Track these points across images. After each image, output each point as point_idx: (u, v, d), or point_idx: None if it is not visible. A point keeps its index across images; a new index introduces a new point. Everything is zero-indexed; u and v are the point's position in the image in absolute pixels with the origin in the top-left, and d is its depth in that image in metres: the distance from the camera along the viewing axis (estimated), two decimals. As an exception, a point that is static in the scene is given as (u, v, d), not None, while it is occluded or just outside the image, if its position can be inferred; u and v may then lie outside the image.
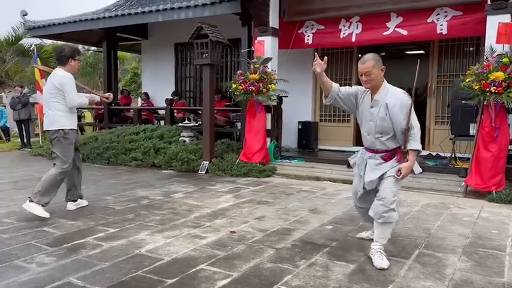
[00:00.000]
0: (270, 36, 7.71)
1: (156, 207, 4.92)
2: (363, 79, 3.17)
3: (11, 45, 14.90)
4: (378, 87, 3.20)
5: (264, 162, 7.50)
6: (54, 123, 4.53)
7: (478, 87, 5.49)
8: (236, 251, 3.42)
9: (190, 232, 3.91)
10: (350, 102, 3.36)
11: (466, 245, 3.66)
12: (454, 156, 6.83)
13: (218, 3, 8.07)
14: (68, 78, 4.51)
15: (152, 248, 3.46)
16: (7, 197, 5.43)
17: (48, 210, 4.36)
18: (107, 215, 4.50)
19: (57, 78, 4.53)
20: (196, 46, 7.48)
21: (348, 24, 7.67)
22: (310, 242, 3.66)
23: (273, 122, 8.09)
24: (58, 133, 4.51)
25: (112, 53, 11.19)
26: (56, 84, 4.49)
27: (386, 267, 3.06)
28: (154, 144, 8.41)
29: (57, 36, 11.60)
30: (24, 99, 11.44)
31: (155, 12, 8.99)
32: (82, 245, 3.53)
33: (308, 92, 9.44)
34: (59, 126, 4.51)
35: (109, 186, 6.24)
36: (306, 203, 5.21)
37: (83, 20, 10.05)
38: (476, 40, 7.63)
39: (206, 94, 7.75)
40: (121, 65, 23.28)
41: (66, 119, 4.55)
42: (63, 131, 4.52)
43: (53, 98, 4.52)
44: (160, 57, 11.59)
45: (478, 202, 5.36)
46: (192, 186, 6.24)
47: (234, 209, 4.84)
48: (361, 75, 3.20)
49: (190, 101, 11.59)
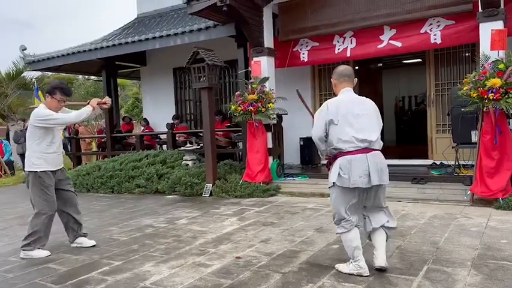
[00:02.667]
0: (265, 56, 7.78)
1: (161, 235, 4.89)
2: None
3: (13, 80, 15.10)
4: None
5: (267, 181, 7.48)
6: (27, 165, 4.35)
7: (476, 94, 5.48)
8: (242, 278, 3.37)
9: (195, 260, 3.87)
10: None
11: (475, 258, 3.59)
12: (458, 164, 6.78)
13: (213, 28, 8.18)
14: (39, 113, 4.25)
15: (157, 279, 3.43)
16: (12, 234, 5.43)
17: (52, 246, 4.35)
18: (111, 247, 4.48)
19: (32, 116, 4.32)
20: (194, 70, 7.56)
21: (342, 40, 7.73)
22: (316, 264, 3.62)
23: (274, 141, 8.09)
24: (30, 175, 4.30)
25: (112, 81, 11.31)
26: (32, 122, 4.31)
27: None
28: (157, 169, 8.43)
29: (57, 69, 11.76)
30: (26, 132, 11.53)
31: (152, 39, 9.11)
32: (87, 280, 3.50)
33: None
34: (31, 168, 4.29)
35: (113, 216, 6.22)
36: (311, 222, 5.16)
37: (81, 52, 10.20)
38: (471, 47, 7.65)
39: (206, 117, 7.79)
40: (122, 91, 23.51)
41: (40, 160, 4.28)
42: (36, 173, 4.27)
43: (28, 139, 4.37)
44: (160, 83, 11.70)
45: (486, 210, 5.29)
46: (196, 211, 6.22)
47: (239, 233, 4.81)
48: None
49: (191, 123, 11.65)
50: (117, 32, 11.54)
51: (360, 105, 3.36)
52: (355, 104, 3.34)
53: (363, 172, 3.15)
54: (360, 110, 3.30)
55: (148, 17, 11.65)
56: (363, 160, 3.18)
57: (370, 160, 3.18)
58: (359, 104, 3.36)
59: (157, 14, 11.48)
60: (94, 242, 4.58)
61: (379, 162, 3.22)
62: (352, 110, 3.28)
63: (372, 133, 3.26)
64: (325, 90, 9.39)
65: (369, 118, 3.31)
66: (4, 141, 14.64)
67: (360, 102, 3.39)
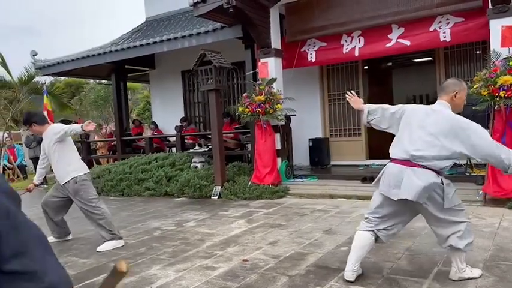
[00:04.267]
0: (273, 57, 7.75)
1: (169, 238, 4.89)
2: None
3: (24, 85, 15.27)
4: None
5: (276, 183, 7.44)
6: None
7: (487, 92, 5.38)
8: (248, 281, 3.34)
9: (202, 263, 3.85)
10: None
11: (487, 259, 3.52)
12: (470, 163, 6.67)
13: (220, 30, 8.18)
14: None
15: (163, 283, 3.42)
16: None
17: (60, 250, 4.38)
18: (119, 250, 4.48)
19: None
20: (201, 73, 7.56)
21: (350, 39, 7.66)
22: (324, 267, 3.57)
23: (283, 142, 8.06)
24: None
25: (121, 84, 11.39)
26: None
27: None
28: (166, 172, 8.44)
29: (67, 73, 11.88)
30: (38, 137, 11.66)
31: (160, 42, 9.14)
32: (94, 284, 3.50)
33: (316, 108, 9.40)
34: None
35: (122, 219, 6.24)
36: (320, 224, 5.11)
37: (91, 56, 10.28)
38: (482, 44, 7.53)
39: (213, 119, 7.79)
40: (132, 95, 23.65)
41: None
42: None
43: None
44: (168, 85, 11.74)
45: (498, 210, 5.19)
46: (205, 213, 6.21)
47: (247, 235, 4.78)
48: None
49: (200, 126, 11.66)
50: (126, 35, 11.61)
51: (428, 117, 3.08)
52: (427, 114, 3.11)
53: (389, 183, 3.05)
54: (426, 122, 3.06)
55: (157, 21, 11.70)
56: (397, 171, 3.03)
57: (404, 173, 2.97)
58: (428, 116, 3.09)
59: (166, 17, 11.52)
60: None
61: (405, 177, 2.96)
62: (418, 119, 3.09)
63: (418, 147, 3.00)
64: (334, 91, 9.33)
65: (426, 132, 3.02)
66: (16, 146, 14.85)
67: (429, 114, 3.11)
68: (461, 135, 2.91)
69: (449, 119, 3.00)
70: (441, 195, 2.95)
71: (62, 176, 4.70)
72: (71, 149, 4.83)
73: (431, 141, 2.96)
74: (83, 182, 4.70)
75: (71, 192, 4.68)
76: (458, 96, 3.13)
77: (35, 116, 4.88)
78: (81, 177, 4.70)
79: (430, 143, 2.96)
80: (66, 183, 4.66)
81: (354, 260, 3.19)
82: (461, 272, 3.09)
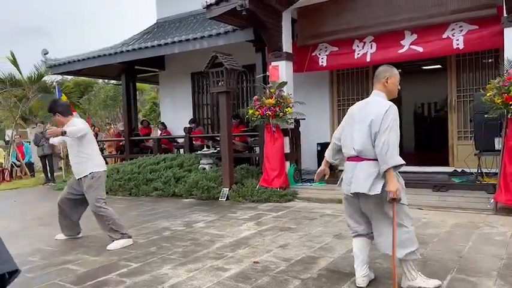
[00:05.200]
0: (284, 60, 7.76)
1: (178, 238, 4.89)
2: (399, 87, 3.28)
3: (34, 83, 15.39)
4: None
5: (284, 186, 7.43)
6: None
7: (500, 100, 5.36)
8: (260, 283, 3.33)
9: (213, 264, 3.85)
10: None
11: (500, 268, 3.48)
12: (481, 171, 6.62)
13: (231, 32, 8.20)
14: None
15: (175, 282, 3.41)
16: (32, 234, 5.49)
17: (71, 247, 4.39)
18: (129, 249, 4.48)
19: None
20: (212, 75, 7.58)
21: (362, 45, 7.66)
22: (336, 271, 3.55)
23: (292, 145, 8.05)
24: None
25: (131, 85, 11.43)
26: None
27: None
28: (174, 173, 8.46)
29: (77, 72, 11.94)
30: (46, 134, 11.70)
31: (171, 44, 9.18)
32: (105, 282, 3.51)
33: (325, 112, 9.39)
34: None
35: (131, 218, 6.24)
36: (329, 228, 5.09)
37: (102, 56, 10.33)
38: (494, 53, 7.49)
39: (223, 121, 7.80)
40: (140, 95, 23.76)
41: None
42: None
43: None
44: (178, 87, 11.78)
45: (510, 219, 5.14)
46: (213, 215, 6.20)
47: (257, 237, 4.77)
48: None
49: (208, 128, 11.68)
50: (136, 36, 11.67)
51: (361, 110, 3.14)
52: (361, 109, 3.17)
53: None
54: (359, 115, 3.12)
55: (168, 22, 11.76)
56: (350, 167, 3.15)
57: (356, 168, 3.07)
58: (361, 110, 3.15)
59: (177, 19, 11.58)
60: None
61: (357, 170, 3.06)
62: (356, 115, 3.16)
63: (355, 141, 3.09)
64: (343, 96, 9.31)
65: (362, 125, 3.07)
66: (25, 144, 14.95)
67: (362, 108, 3.16)
68: (379, 122, 2.92)
69: (380, 106, 3.00)
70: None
71: (80, 171, 4.68)
72: (91, 143, 4.74)
73: (366, 133, 3.00)
74: (99, 179, 4.68)
75: (84, 188, 4.67)
76: (390, 81, 3.16)
77: (61, 107, 4.85)
78: (99, 173, 4.68)
79: (366, 136, 3.00)
80: (84, 177, 4.64)
81: (360, 265, 3.21)
82: (411, 281, 3.08)
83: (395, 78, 3.19)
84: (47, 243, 4.90)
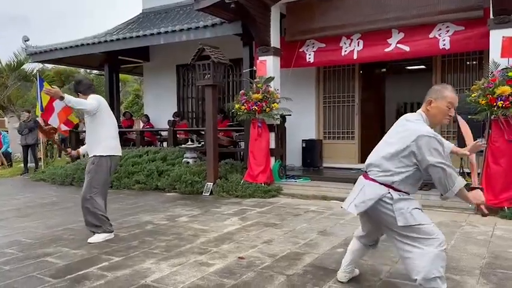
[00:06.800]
0: (271, 55, 7.71)
1: (161, 232, 4.80)
2: (451, 113, 2.74)
3: (13, 71, 14.98)
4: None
5: (269, 182, 7.40)
6: None
7: (485, 101, 5.43)
8: (245, 278, 3.29)
9: (197, 259, 3.79)
10: None
11: (483, 266, 3.52)
12: (463, 172, 6.70)
13: (219, 25, 8.10)
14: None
15: (158, 277, 3.34)
16: (9, 226, 5.33)
17: (50, 239, 4.26)
18: (110, 243, 4.38)
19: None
20: (199, 67, 7.47)
21: (349, 42, 7.66)
22: (322, 267, 3.53)
23: (277, 141, 8.01)
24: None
25: (114, 76, 11.20)
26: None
27: None
28: (157, 166, 8.34)
29: (58, 61, 11.65)
30: (30, 124, 11.39)
31: (156, 35, 9.02)
32: (86, 275, 3.41)
33: (311, 109, 9.39)
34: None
35: (112, 211, 6.07)
36: (314, 225, 5.08)
37: (85, 44, 10.10)
38: (479, 54, 7.60)
39: (209, 115, 7.70)
40: (123, 87, 23.40)
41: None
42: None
43: None
44: (162, 79, 11.60)
45: (491, 219, 5.22)
46: (197, 209, 6.13)
47: (241, 233, 4.72)
48: (450, 108, 2.72)
49: (192, 121, 11.55)
50: (121, 26, 11.44)
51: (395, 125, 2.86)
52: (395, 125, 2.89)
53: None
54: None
55: (154, 13, 11.56)
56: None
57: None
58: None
59: (163, 9, 11.39)
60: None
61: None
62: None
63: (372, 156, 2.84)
64: (329, 93, 9.31)
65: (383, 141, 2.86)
66: (3, 133, 14.55)
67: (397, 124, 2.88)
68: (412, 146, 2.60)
69: (405, 129, 2.70)
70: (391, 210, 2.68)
71: (89, 150, 4.59)
72: (104, 126, 4.49)
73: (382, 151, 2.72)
74: (100, 166, 4.46)
75: (86, 168, 4.56)
76: (433, 105, 2.72)
77: (81, 85, 4.62)
78: (102, 159, 4.46)
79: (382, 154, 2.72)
80: (91, 157, 4.52)
81: (345, 262, 3.19)
82: None
83: (442, 102, 2.69)
84: (25, 235, 4.76)
